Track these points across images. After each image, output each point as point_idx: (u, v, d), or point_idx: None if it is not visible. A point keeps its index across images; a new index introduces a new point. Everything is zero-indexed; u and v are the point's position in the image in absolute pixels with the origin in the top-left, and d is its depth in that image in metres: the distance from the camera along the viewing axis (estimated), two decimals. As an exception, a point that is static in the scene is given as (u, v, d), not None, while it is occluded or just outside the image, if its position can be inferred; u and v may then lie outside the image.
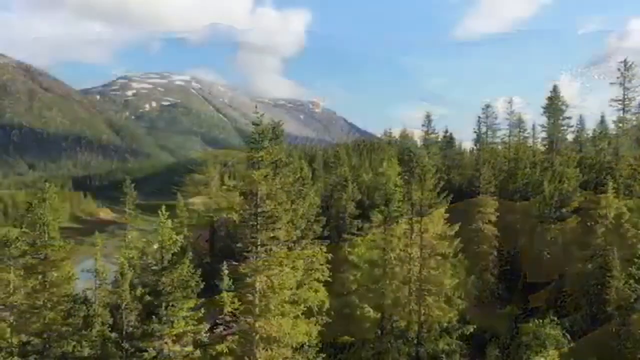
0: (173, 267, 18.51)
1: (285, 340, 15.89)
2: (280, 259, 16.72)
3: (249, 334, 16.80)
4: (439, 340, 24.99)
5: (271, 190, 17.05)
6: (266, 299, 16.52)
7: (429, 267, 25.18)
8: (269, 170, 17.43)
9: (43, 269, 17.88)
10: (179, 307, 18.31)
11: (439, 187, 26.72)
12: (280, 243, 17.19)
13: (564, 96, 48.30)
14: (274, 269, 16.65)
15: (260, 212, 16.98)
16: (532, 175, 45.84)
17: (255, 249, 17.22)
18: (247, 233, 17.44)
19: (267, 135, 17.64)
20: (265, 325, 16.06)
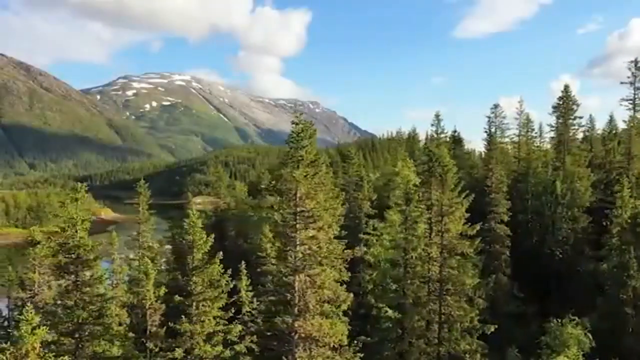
0: (204, 266, 18.47)
1: (325, 340, 15.80)
2: (320, 258, 16.64)
3: (286, 333, 16.72)
4: (460, 340, 24.90)
5: (310, 190, 16.98)
6: (305, 298, 16.45)
7: (449, 267, 25.11)
8: (309, 169, 17.35)
9: (75, 269, 17.82)
10: (210, 307, 18.27)
11: (460, 186, 26.69)
12: (320, 242, 17.11)
13: (575, 95, 48.22)
14: (315, 268, 16.57)
15: (299, 211, 16.91)
16: (543, 174, 45.76)
17: (294, 248, 17.15)
18: (287, 232, 17.35)
19: (306, 134, 17.58)
20: (304, 324, 15.98)
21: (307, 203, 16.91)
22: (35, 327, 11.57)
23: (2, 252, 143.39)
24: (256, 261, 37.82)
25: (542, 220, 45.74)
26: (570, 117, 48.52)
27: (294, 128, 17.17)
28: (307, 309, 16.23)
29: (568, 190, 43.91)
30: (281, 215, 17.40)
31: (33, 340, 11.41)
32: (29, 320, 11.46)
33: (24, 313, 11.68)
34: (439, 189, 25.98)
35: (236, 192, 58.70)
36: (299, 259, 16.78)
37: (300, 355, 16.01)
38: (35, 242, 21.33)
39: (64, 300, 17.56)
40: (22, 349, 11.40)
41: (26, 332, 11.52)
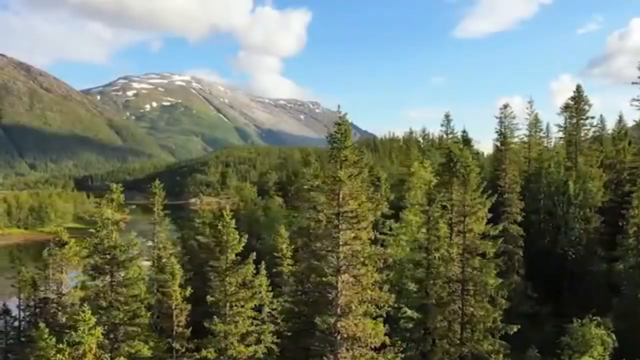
0: (238, 267, 18.41)
1: (368, 340, 15.77)
2: (363, 259, 16.60)
3: (327, 334, 16.67)
4: (482, 340, 24.88)
5: (353, 190, 16.94)
6: (348, 299, 16.40)
7: (471, 267, 25.09)
8: (353, 169, 17.30)
9: (110, 270, 17.78)
10: (245, 307, 18.22)
11: (482, 186, 26.67)
12: (363, 242, 17.07)
13: (587, 96, 48.22)
14: (360, 269, 16.53)
15: (343, 211, 16.85)
16: (556, 174, 45.76)
17: (336, 249, 17.09)
18: (330, 232, 17.29)
19: (349, 134, 17.54)
20: (346, 325, 15.93)
21: (350, 203, 16.87)
22: (92, 327, 11.49)
23: (4, 253, 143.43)
24: (271, 261, 37.80)
25: (555, 221, 45.73)
26: (582, 117, 48.53)
27: (337, 128, 17.11)
28: (350, 309, 16.19)
29: (581, 191, 43.93)
30: (325, 216, 17.33)
31: (90, 341, 11.35)
32: (87, 321, 11.39)
33: (81, 314, 11.62)
34: (461, 189, 25.94)
35: (245, 193, 58.68)
36: (342, 260, 16.74)
37: (343, 356, 15.96)
38: (62, 243, 21.24)
39: (99, 301, 17.53)
40: (80, 350, 11.33)
41: (83, 332, 11.45)
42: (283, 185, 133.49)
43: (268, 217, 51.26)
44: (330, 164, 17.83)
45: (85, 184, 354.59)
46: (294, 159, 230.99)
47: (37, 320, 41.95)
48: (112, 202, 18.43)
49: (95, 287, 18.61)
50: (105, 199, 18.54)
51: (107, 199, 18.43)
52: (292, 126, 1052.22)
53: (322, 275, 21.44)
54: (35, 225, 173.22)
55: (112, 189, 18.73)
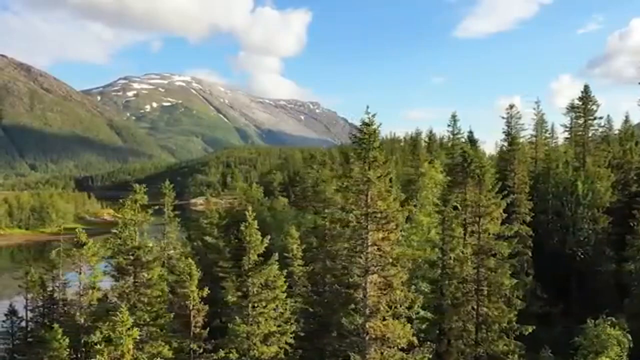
0: (261, 267, 18.38)
1: (397, 340, 15.75)
2: (392, 260, 16.58)
3: (355, 334, 16.65)
4: (497, 341, 24.88)
5: (382, 191, 16.92)
6: (377, 299, 16.39)
7: (487, 268, 25.09)
8: (381, 170, 17.28)
9: (134, 270, 17.75)
10: (268, 308, 18.19)
11: (497, 186, 26.68)
12: (392, 243, 17.05)
13: (595, 96, 48.26)
14: (389, 270, 16.50)
15: (371, 212, 16.83)
16: (564, 175, 45.77)
17: (364, 249, 17.07)
18: (358, 233, 17.25)
19: (378, 135, 17.52)
20: (374, 325, 15.92)
21: (379, 204, 16.84)
22: (129, 327, 11.47)
23: (6, 253, 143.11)
24: (280, 262, 37.73)
25: (563, 221, 45.73)
26: (590, 118, 48.57)
27: (366, 129, 17.06)
28: (378, 310, 16.18)
29: (589, 191, 43.95)
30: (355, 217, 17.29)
31: (128, 342, 11.33)
32: (124, 322, 11.37)
33: (119, 314, 11.59)
34: (475, 190, 25.94)
35: (252, 193, 58.55)
36: (370, 260, 16.72)
37: (372, 357, 15.95)
38: (81, 243, 21.22)
39: (123, 302, 17.49)
40: (118, 350, 11.30)
41: (121, 333, 11.43)
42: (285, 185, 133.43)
43: (276, 217, 51.11)
44: (354, 165, 17.77)
45: (85, 185, 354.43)
46: (295, 159, 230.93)
47: (45, 321, 41.97)
48: (136, 203, 18.40)
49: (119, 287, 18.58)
50: (129, 200, 18.50)
51: (132, 200, 18.39)
52: (292, 126, 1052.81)
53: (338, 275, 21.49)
54: (36, 225, 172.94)
55: (135, 189, 18.71)
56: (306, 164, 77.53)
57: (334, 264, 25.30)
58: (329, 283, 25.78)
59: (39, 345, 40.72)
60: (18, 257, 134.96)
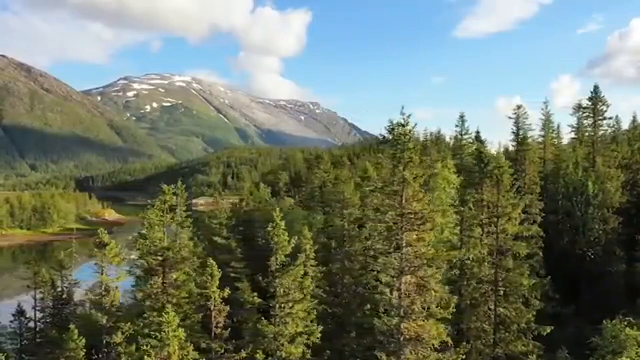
0: (289, 268, 18.36)
1: (432, 342, 15.74)
2: (428, 260, 16.55)
3: (389, 335, 16.61)
4: (516, 341, 24.85)
5: (418, 192, 16.90)
6: (412, 300, 16.36)
7: (505, 268, 25.08)
8: (418, 171, 17.26)
9: (163, 271, 17.72)
10: (295, 309, 18.15)
11: (515, 187, 26.66)
12: (428, 244, 17.03)
13: (605, 96, 48.27)
14: (426, 270, 16.48)
15: (407, 213, 16.80)
16: (574, 175, 45.78)
17: (400, 250, 17.04)
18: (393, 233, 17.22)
19: (413, 136, 17.51)
20: (409, 326, 15.89)
21: (414, 205, 16.82)
22: (175, 328, 11.43)
23: (7, 254, 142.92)
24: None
25: (573, 221, 45.72)
26: (600, 118, 48.58)
27: (402, 130, 17.02)
28: (413, 310, 16.17)
29: (600, 191, 43.96)
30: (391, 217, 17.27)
31: (174, 342, 11.29)
32: (171, 323, 11.33)
33: (165, 315, 11.55)
34: (493, 190, 25.93)
35: (260, 193, 58.39)
36: (405, 261, 16.70)
37: (408, 357, 15.92)
38: (104, 244, 21.18)
39: (152, 303, 17.46)
40: (165, 351, 11.26)
41: (168, 334, 11.39)
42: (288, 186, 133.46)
43: (285, 218, 50.84)
44: (385, 165, 17.72)
45: (86, 185, 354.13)
46: (296, 160, 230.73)
47: (56, 321, 41.93)
48: (166, 204, 18.36)
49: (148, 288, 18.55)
50: (159, 201, 18.45)
51: (161, 201, 18.34)
52: (292, 127, 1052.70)
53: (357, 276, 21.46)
54: (38, 226, 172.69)
55: (164, 191, 18.68)
56: (313, 165, 77.63)
57: (353, 265, 25.29)
58: (348, 284, 25.74)
59: (49, 346, 40.72)
60: (21, 258, 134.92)
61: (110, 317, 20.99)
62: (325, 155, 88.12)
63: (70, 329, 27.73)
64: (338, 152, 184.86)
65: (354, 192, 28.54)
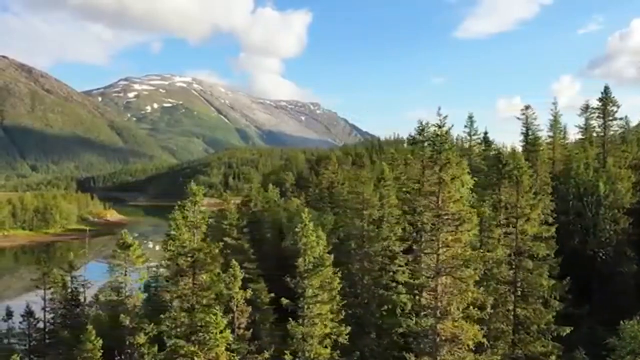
0: (317, 269, 18.36)
1: (468, 342, 15.73)
2: (464, 261, 16.56)
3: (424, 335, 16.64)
4: (535, 342, 24.85)
5: (454, 192, 16.91)
6: (448, 300, 16.36)
7: (524, 269, 25.08)
8: (455, 171, 17.27)
9: (193, 272, 17.70)
10: (323, 309, 18.14)
11: (535, 188, 26.68)
12: (465, 245, 17.02)
13: (615, 98, 48.28)
14: (463, 271, 16.48)
15: (444, 213, 16.81)
16: (585, 175, 45.79)
17: (436, 251, 17.03)
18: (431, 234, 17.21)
19: (449, 137, 17.52)
20: (445, 327, 15.90)
21: (450, 206, 16.83)
22: (222, 329, 11.41)
23: (10, 254, 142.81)
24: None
25: (584, 222, 45.69)
26: (610, 119, 48.62)
27: (439, 131, 17.01)
28: (449, 311, 16.17)
29: (611, 192, 43.95)
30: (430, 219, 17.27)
31: (222, 344, 11.27)
32: (217, 324, 11.31)
33: (212, 316, 11.54)
34: (512, 191, 25.93)
35: (269, 194, 58.48)
36: (441, 262, 16.70)
37: (444, 358, 15.93)
38: (127, 245, 21.14)
39: (183, 304, 17.43)
40: (212, 352, 11.24)
41: (215, 336, 11.37)
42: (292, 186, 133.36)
43: (292, 219, 50.93)
44: (414, 165, 17.75)
45: (87, 186, 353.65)
46: (298, 160, 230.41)
47: (67, 322, 41.92)
48: (196, 205, 18.35)
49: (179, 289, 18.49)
50: (189, 201, 18.45)
51: (191, 201, 18.33)
52: (292, 127, 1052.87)
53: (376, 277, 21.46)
54: (40, 226, 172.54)
55: (193, 191, 18.67)
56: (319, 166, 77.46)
57: (372, 265, 25.30)
58: (367, 284, 25.76)
59: (61, 346, 40.70)
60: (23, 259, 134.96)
61: (133, 318, 20.97)
62: (333, 155, 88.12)
63: (87, 330, 27.78)
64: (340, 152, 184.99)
65: (374, 192, 28.55)
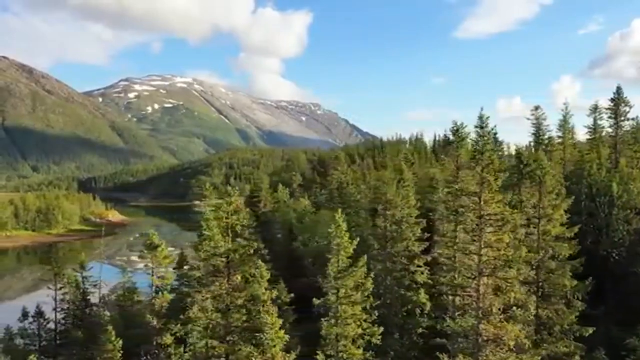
0: (351, 269, 18.31)
1: (510, 343, 15.70)
2: (506, 262, 16.52)
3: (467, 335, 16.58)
4: (558, 342, 24.80)
5: (496, 193, 16.86)
6: (490, 301, 16.32)
7: (547, 269, 25.04)
8: (497, 172, 17.25)
9: (227, 273, 17.65)
10: (355, 309, 18.08)
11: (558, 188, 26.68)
12: (507, 245, 16.98)
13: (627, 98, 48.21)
14: (506, 271, 16.44)
15: (485, 214, 16.76)
16: (597, 175, 45.76)
17: (478, 251, 16.97)
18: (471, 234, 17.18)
19: (491, 138, 17.50)
20: (487, 327, 15.85)
21: (493, 206, 16.78)
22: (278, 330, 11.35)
23: (12, 255, 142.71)
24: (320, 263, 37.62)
25: (596, 222, 45.64)
26: (621, 119, 48.59)
27: (481, 132, 16.99)
28: (491, 311, 16.13)
29: (624, 192, 43.93)
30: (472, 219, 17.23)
31: (278, 344, 11.22)
32: (273, 324, 11.26)
33: (268, 317, 11.48)
34: (533, 191, 25.90)
35: (278, 195, 58.47)
36: (483, 262, 16.65)
37: (486, 358, 15.88)
38: (154, 245, 21.08)
39: (218, 305, 17.37)
40: (268, 353, 11.19)
41: (271, 336, 11.32)
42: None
43: (309, 218, 50.83)
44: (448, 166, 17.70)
45: (88, 186, 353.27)
46: (300, 161, 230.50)
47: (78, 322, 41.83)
48: (231, 205, 18.29)
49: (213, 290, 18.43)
50: (225, 202, 18.39)
51: (227, 202, 18.29)
52: (293, 127, 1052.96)
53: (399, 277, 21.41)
54: (42, 227, 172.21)
55: (229, 193, 18.64)
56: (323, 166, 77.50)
57: (394, 266, 25.25)
58: (390, 285, 25.72)
59: (74, 347, 40.58)
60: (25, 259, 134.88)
61: (160, 319, 20.93)
62: (341, 156, 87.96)
63: (107, 330, 27.74)
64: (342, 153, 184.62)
65: (396, 192, 28.52)
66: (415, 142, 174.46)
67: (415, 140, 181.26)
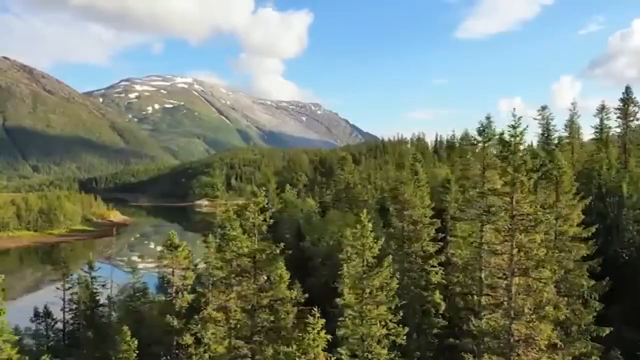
0: (376, 269, 18.30)
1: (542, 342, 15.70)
2: (538, 262, 16.51)
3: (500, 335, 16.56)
4: (574, 342, 24.78)
5: (528, 193, 16.86)
6: (522, 301, 16.31)
7: (565, 269, 25.00)
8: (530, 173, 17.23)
9: (254, 273, 17.64)
10: (380, 310, 18.06)
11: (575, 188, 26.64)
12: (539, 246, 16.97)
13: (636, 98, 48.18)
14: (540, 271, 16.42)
15: (519, 214, 16.75)
16: (607, 175, 45.77)
17: (509, 252, 16.97)
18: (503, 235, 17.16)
19: (522, 138, 17.48)
20: (519, 327, 15.86)
21: (525, 207, 16.78)
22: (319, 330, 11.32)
23: (14, 255, 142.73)
24: (330, 263, 37.64)
25: (605, 222, 45.63)
26: (630, 119, 48.60)
27: (513, 131, 16.97)
28: (523, 311, 16.12)
29: (634, 192, 43.95)
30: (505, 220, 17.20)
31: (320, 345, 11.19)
32: (315, 324, 11.22)
33: (311, 317, 11.46)
34: (549, 191, 25.87)
35: (286, 195, 58.51)
36: (516, 262, 16.65)
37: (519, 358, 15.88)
38: (175, 246, 21.08)
39: (245, 305, 17.36)
40: (310, 354, 11.16)
41: (311, 338, 11.28)
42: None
43: (310, 222, 50.92)
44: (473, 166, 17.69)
45: (89, 186, 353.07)
46: (301, 161, 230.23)
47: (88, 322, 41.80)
48: (258, 206, 18.28)
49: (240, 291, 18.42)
50: (251, 202, 18.40)
51: (253, 202, 18.29)
52: (293, 128, 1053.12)
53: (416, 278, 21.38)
54: (44, 227, 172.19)
55: (256, 194, 18.62)
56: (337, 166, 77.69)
57: (411, 266, 25.24)
58: (407, 285, 25.70)
59: (84, 347, 40.53)
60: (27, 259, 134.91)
61: (180, 319, 20.91)
62: (349, 156, 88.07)
63: (122, 330, 27.73)
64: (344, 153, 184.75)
65: (413, 193, 28.50)
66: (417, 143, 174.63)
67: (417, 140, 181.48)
